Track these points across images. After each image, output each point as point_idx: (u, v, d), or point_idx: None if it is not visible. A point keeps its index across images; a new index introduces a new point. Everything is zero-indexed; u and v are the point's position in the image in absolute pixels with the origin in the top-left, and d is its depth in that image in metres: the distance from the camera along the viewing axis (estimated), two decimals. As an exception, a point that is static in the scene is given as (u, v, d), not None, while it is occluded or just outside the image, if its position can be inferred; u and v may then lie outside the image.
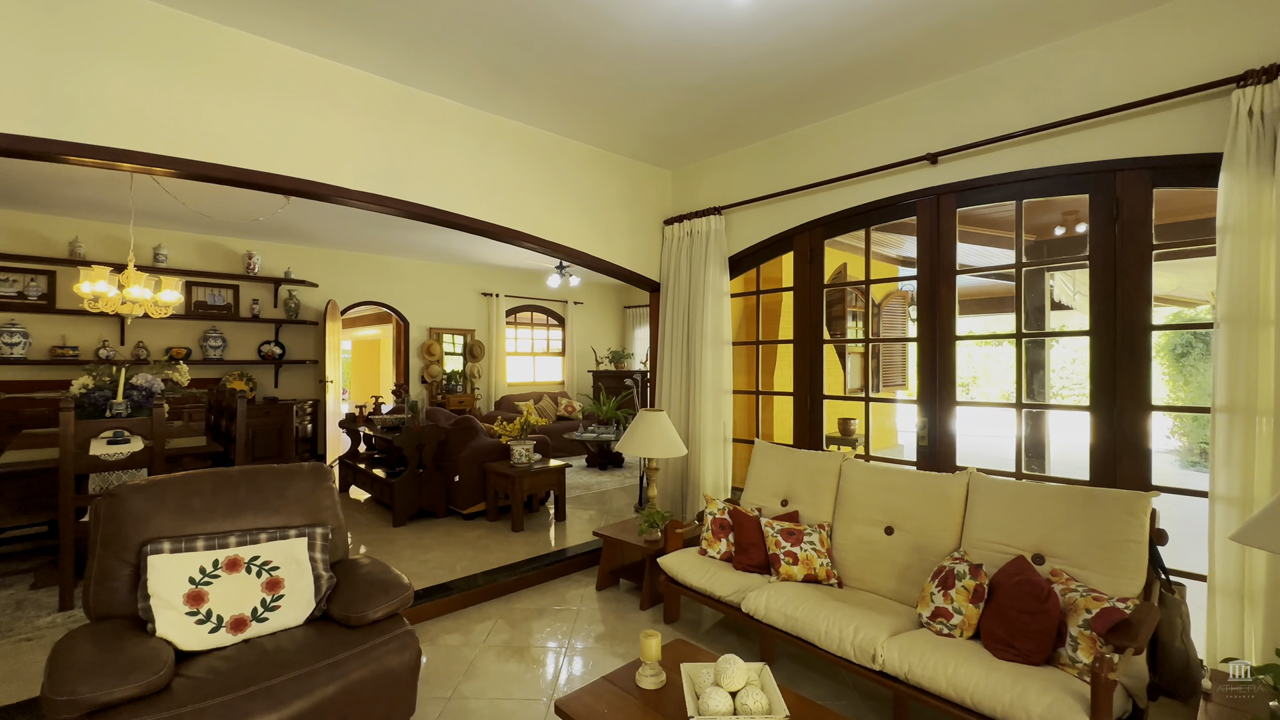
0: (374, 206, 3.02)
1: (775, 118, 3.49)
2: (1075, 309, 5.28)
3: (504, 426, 4.59)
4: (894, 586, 2.63)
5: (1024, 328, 2.89)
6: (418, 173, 3.14)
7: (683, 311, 4.11)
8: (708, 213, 4.00)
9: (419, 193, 3.13)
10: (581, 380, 10.31)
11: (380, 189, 2.99)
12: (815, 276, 3.58)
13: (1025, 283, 2.94)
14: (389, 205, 3.02)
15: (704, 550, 3.05)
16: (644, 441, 3.46)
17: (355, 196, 2.90)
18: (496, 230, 3.44)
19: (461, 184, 3.31)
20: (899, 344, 7.80)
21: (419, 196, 3.12)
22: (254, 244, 7.01)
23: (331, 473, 2.49)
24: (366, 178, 2.95)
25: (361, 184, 2.93)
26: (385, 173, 3.01)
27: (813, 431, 3.58)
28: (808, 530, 2.87)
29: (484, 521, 4.64)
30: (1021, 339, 2.83)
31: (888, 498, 2.80)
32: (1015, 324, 2.86)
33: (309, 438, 7.28)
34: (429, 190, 3.17)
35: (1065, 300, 4.94)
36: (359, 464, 5.45)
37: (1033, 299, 4.63)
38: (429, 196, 3.16)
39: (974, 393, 15.57)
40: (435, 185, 3.20)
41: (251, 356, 6.98)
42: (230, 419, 4.28)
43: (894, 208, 3.23)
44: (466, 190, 3.33)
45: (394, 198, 3.03)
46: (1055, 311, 4.96)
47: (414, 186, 3.11)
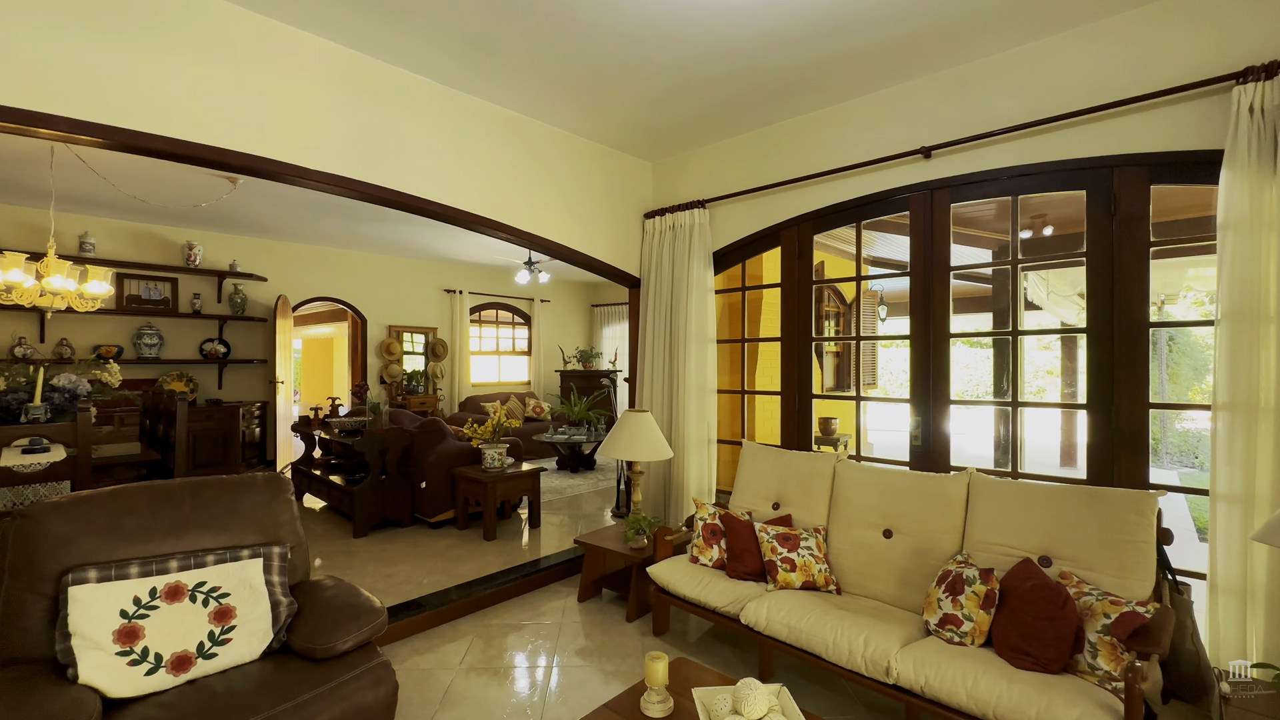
0: (335, 189, 2.75)
1: (764, 108, 3.38)
2: (1045, 309, 5.41)
3: (475, 429, 4.33)
4: (895, 591, 2.54)
5: (997, 327, 2.86)
6: (385, 154, 2.88)
7: (665, 308, 3.96)
8: (691, 206, 3.87)
9: (386, 176, 2.87)
10: (548, 380, 10.04)
11: (343, 169, 2.72)
12: (804, 272, 3.49)
13: (998, 283, 2.91)
14: (352, 188, 2.76)
15: (695, 558, 2.91)
16: (628, 444, 3.29)
17: (314, 177, 2.63)
18: (471, 219, 3.21)
19: (433, 168, 3.06)
20: (869, 343, 7.87)
21: (386, 180, 2.87)
22: (195, 234, 6.49)
23: (289, 484, 2.22)
24: (327, 157, 2.68)
25: (321, 163, 2.65)
26: (349, 152, 2.75)
27: (801, 432, 3.49)
28: (804, 535, 2.76)
29: (453, 530, 4.38)
30: (1017, 336, 2.79)
31: (886, 500, 2.71)
32: (1011, 322, 2.82)
33: (257, 442, 6.80)
34: (397, 173, 2.91)
35: (1036, 300, 5.04)
36: (314, 470, 5.08)
37: (1004, 299, 4.68)
38: (397, 180, 2.91)
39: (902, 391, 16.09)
40: (404, 168, 2.94)
41: (192, 355, 6.46)
42: (169, 423, 3.89)
43: (885, 203, 3.16)
44: (438, 175, 3.08)
45: (358, 180, 2.77)
46: (1028, 311, 5.05)
47: (381, 169, 2.85)
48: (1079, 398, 2.76)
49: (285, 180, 2.63)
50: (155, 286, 6.26)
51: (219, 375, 6.61)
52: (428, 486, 4.33)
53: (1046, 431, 10.60)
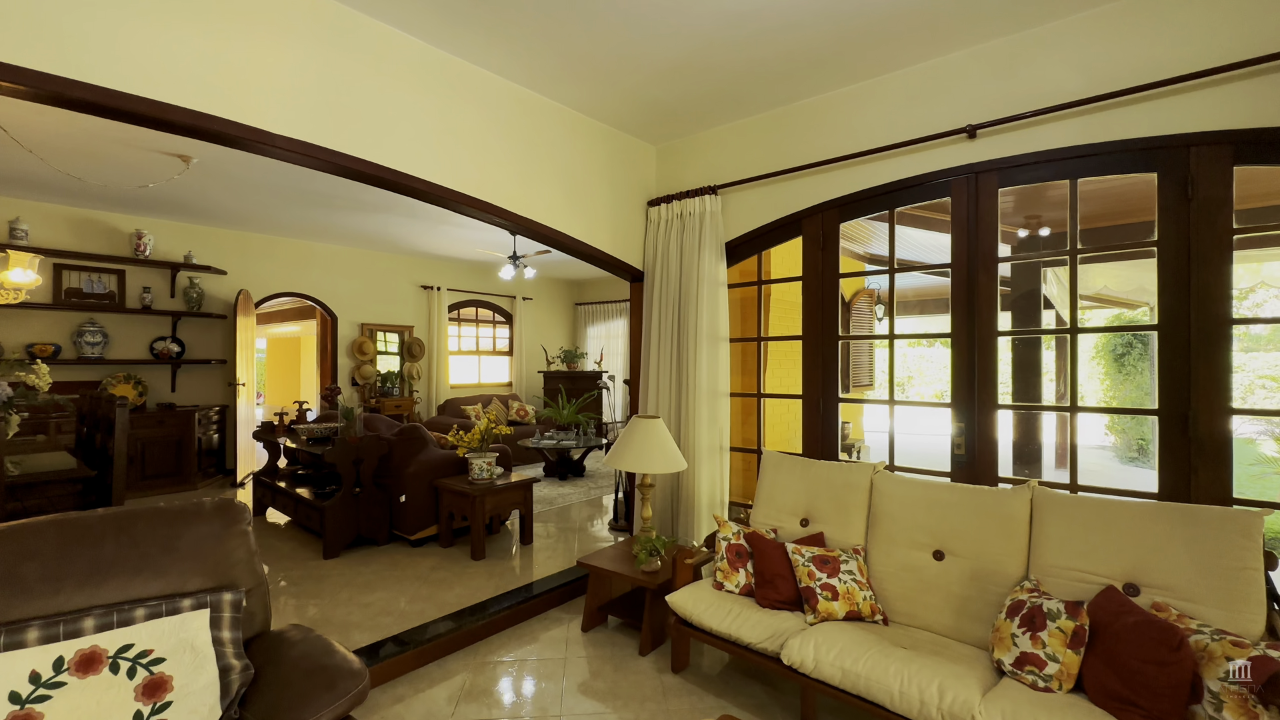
0: (305, 159, 2.34)
1: (788, 83, 3.07)
2: (1056, 307, 5.25)
3: (461, 436, 3.93)
4: (951, 622, 2.25)
5: (1017, 325, 2.61)
6: (364, 121, 2.48)
7: (672, 304, 3.62)
8: (702, 192, 3.54)
9: (365, 147, 2.47)
10: (531, 382, 9.62)
11: (314, 136, 2.31)
12: (829, 264, 3.19)
13: (1019, 278, 2.65)
14: (325, 159, 2.35)
15: (719, 584, 2.58)
16: (639, 454, 2.94)
17: (281, 144, 2.22)
18: (461, 200, 2.82)
19: (419, 141, 2.67)
20: (864, 345, 7.66)
21: (365, 151, 2.47)
22: (145, 221, 5.92)
23: (246, 511, 1.82)
24: (296, 121, 2.27)
25: (288, 128, 2.24)
26: (322, 117, 2.34)
27: (826, 438, 3.19)
28: (843, 557, 2.46)
29: (436, 548, 3.97)
30: (1075, 334, 2.53)
31: (934, 516, 2.43)
32: (1070, 318, 2.55)
33: (215, 450, 6.25)
34: (378, 145, 2.51)
35: (1051, 298, 4.87)
36: (279, 482, 4.60)
37: (1030, 295, 4.48)
38: (378, 152, 2.51)
39: (909, 393, 16.03)
40: (386, 139, 2.55)
41: (141, 355, 5.89)
42: (108, 432, 3.40)
43: (923, 187, 2.88)
44: (425, 149, 2.69)
45: (332, 149, 2.36)
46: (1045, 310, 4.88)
47: (359, 138, 2.45)
48: (1068, 399, 2.50)
49: (244, 147, 2.21)
50: (99, 279, 5.67)
51: (172, 377, 6.04)
52: (407, 500, 3.91)
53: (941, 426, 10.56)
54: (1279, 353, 9.84)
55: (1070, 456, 2.59)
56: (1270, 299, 8.28)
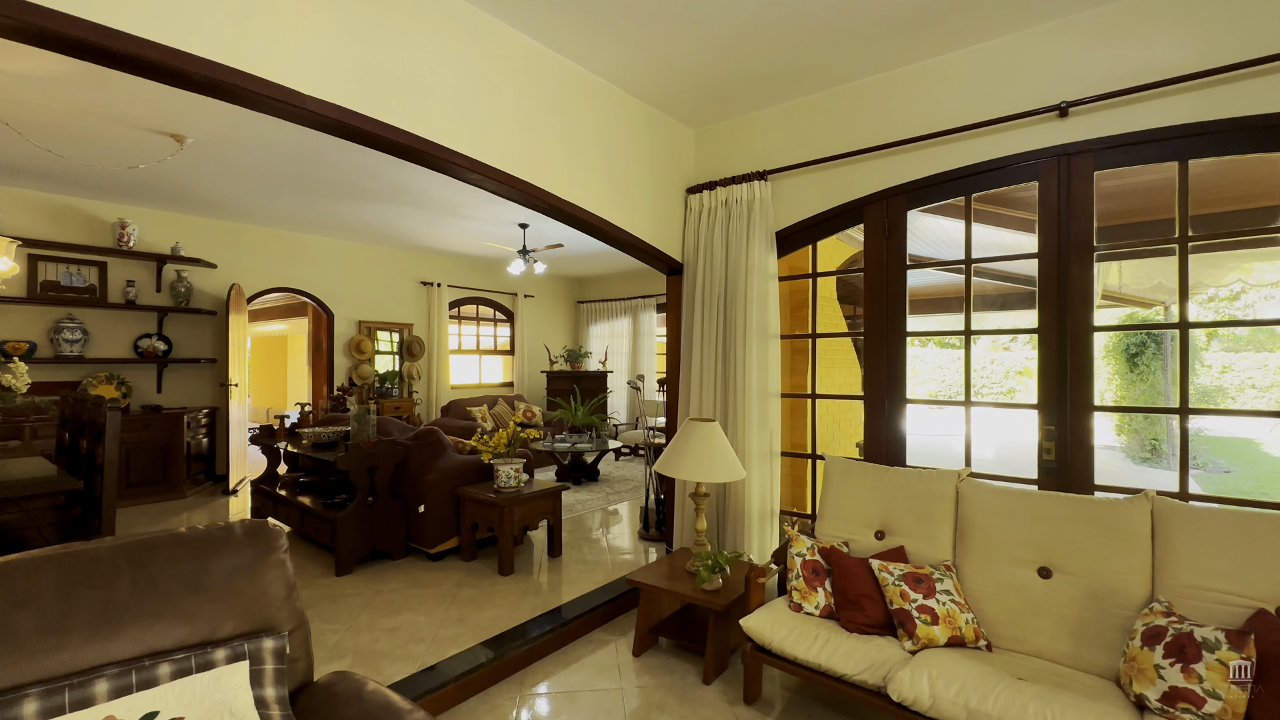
0: (336, 126, 2.04)
1: (851, 59, 2.84)
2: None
3: (485, 441, 3.64)
4: (1067, 648, 2.02)
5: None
6: (401, 87, 2.19)
7: (717, 298, 3.37)
8: (750, 178, 3.29)
9: (402, 115, 2.18)
10: (533, 382, 9.32)
11: (347, 100, 2.02)
12: (895, 254, 2.96)
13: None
14: (359, 128, 2.06)
15: (797, 604, 2.33)
16: (695, 461, 2.68)
17: (310, 107, 1.92)
18: (502, 179, 2.54)
19: (458, 112, 2.38)
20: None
21: (402, 120, 2.18)
22: (129, 210, 5.52)
23: (281, 534, 1.53)
24: (328, 82, 1.97)
25: (319, 89, 1.95)
26: (356, 80, 2.05)
27: (891, 443, 2.96)
28: (936, 575, 2.22)
29: (457, 562, 3.66)
30: (1186, 329, 2.33)
31: (1036, 529, 2.20)
32: (1180, 313, 2.34)
33: (204, 455, 5.86)
34: (415, 114, 2.22)
35: (1109, 290, 4.70)
36: (279, 490, 4.26)
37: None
38: (415, 122, 2.22)
39: (918, 393, 15.71)
40: (423, 109, 2.26)
41: (125, 354, 5.48)
42: (94, 438, 3.05)
43: (1005, 171, 2.66)
44: (464, 121, 2.40)
45: (368, 116, 2.07)
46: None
47: (395, 106, 2.16)
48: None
49: (268, 109, 1.91)
50: (79, 271, 5.26)
51: (158, 377, 5.64)
52: (426, 510, 3.60)
53: (1005, 431, 10.50)
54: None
55: (1181, 461, 2.38)
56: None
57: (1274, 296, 8.29)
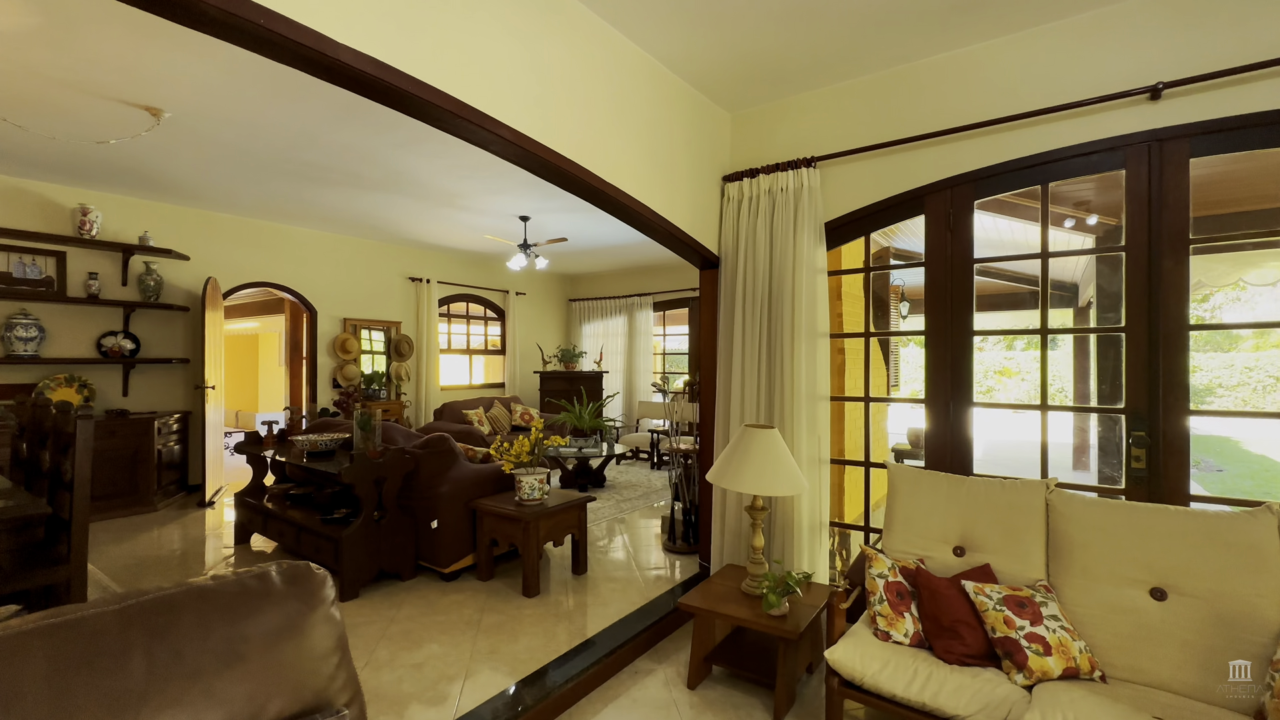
0: (368, 84, 1.73)
1: (913, 36, 2.63)
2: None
3: (504, 449, 3.33)
4: (1195, 681, 1.83)
5: (1078, 323, 2.25)
6: (445, 48, 1.88)
7: (759, 294, 3.13)
8: (797, 164, 3.06)
9: (450, 80, 1.88)
10: (525, 383, 8.97)
11: (387, 54, 1.71)
12: (959, 248, 2.77)
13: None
14: (397, 87, 1.75)
15: (884, 632, 2.10)
16: (757, 472, 2.44)
17: (347, 59, 1.60)
18: (553, 160, 2.25)
19: (506, 81, 2.09)
20: (887, 342, 7.37)
21: (448, 83, 1.87)
22: (91, 195, 5.02)
23: (327, 579, 1.22)
24: (368, 36, 1.66)
25: (361, 41, 1.63)
26: (394, 32, 1.74)
27: (957, 449, 2.76)
28: (1038, 597, 2.02)
29: (473, 582, 3.34)
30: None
31: (1146, 546, 2.01)
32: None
33: (176, 463, 5.39)
34: (463, 80, 1.92)
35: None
36: (266, 503, 3.87)
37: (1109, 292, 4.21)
38: (463, 88, 1.92)
39: (998, 396, 13.84)
40: (471, 74, 1.95)
41: (87, 353, 4.98)
42: (60, 450, 2.65)
43: (1086, 158, 2.48)
44: (513, 92, 2.11)
45: (408, 74, 1.76)
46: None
47: (439, 67, 1.85)
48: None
49: (305, 64, 1.59)
50: (33, 262, 4.75)
51: (124, 379, 5.15)
52: (440, 526, 3.27)
53: (1012, 430, 10.61)
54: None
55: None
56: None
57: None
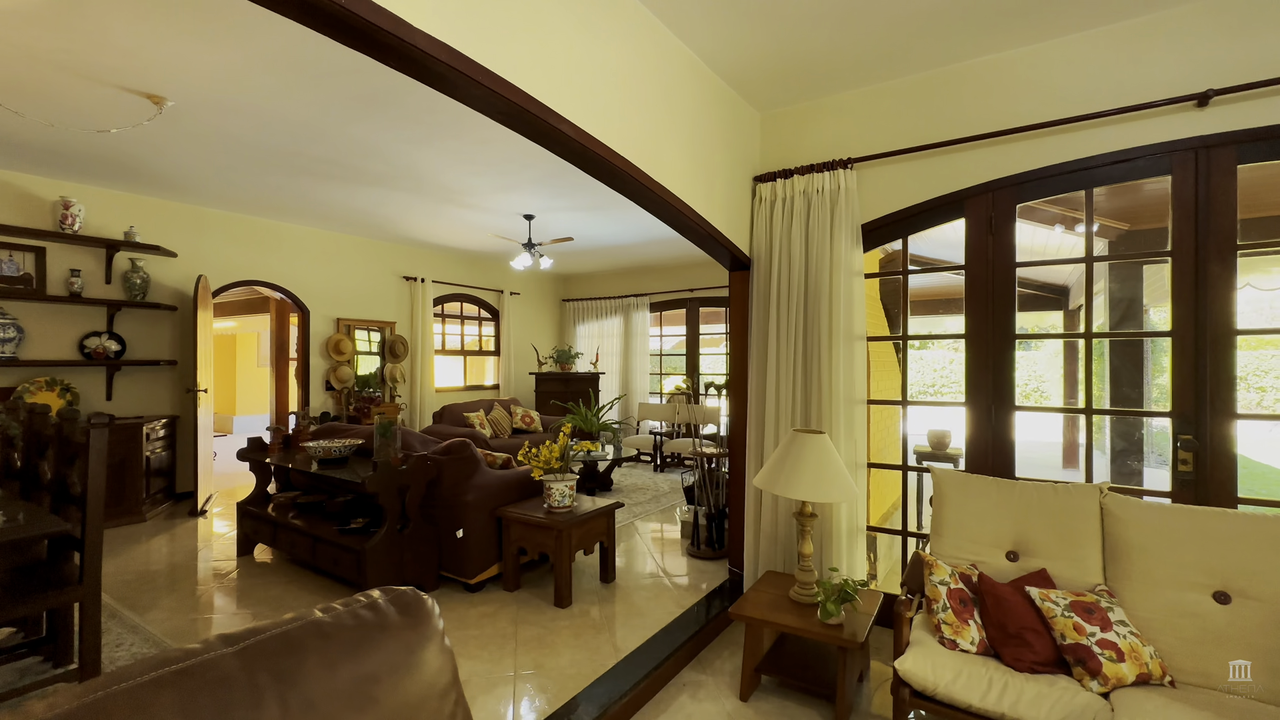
0: (444, 69, 1.63)
1: (955, 39, 2.62)
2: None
3: (533, 454, 3.22)
4: (1263, 682, 1.85)
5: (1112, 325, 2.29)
6: (510, 30, 1.79)
7: (795, 297, 3.09)
8: (833, 166, 3.03)
9: (512, 67, 1.78)
10: (520, 384, 8.82)
11: (460, 42, 1.61)
12: (1001, 251, 2.77)
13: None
14: (465, 75, 1.65)
15: (950, 640, 2.07)
16: (813, 478, 2.39)
17: (422, 44, 1.50)
18: (597, 149, 2.16)
19: (560, 70, 2.00)
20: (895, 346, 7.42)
21: (512, 71, 1.78)
22: (73, 187, 4.75)
23: (435, 607, 1.13)
24: (441, 19, 1.56)
25: (434, 25, 1.53)
26: (466, 19, 1.64)
27: (999, 453, 2.76)
28: (1103, 603, 2.01)
29: (498, 593, 3.23)
30: (1342, 333, 2.21)
31: (1206, 549, 2.03)
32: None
33: (165, 470, 5.13)
34: (522, 68, 1.83)
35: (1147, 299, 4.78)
36: (270, 511, 3.69)
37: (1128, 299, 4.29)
38: (524, 76, 1.82)
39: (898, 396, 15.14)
40: (529, 61, 1.86)
41: (69, 355, 4.71)
42: (65, 461, 2.48)
43: (1130, 164, 2.50)
44: (567, 83, 2.02)
45: (474, 60, 1.66)
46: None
47: (503, 53, 1.76)
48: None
49: (374, 49, 1.48)
50: (10, 258, 4.47)
51: (108, 382, 4.88)
52: (465, 535, 3.16)
53: (1035, 431, 10.85)
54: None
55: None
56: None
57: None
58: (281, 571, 3.59)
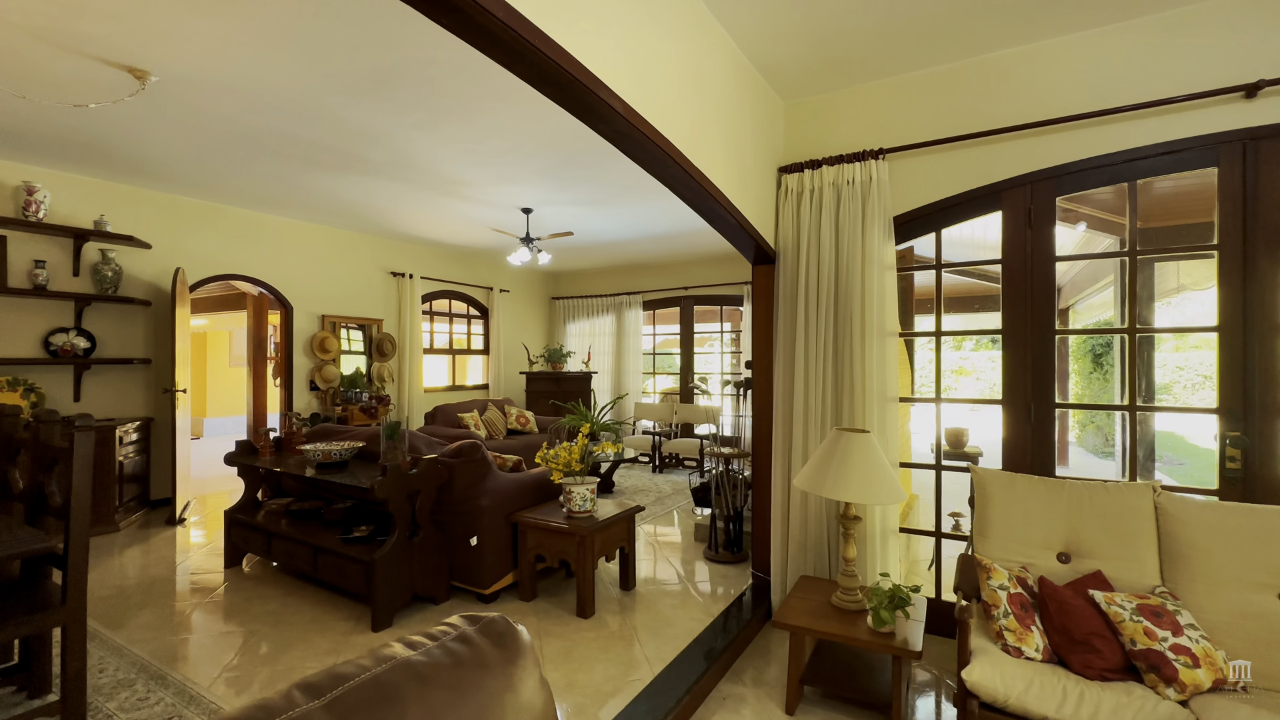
0: (500, 27, 1.46)
1: (993, 26, 2.55)
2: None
3: (549, 456, 3.06)
4: (1339, 685, 1.80)
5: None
6: (581, 12, 1.63)
7: (825, 292, 2.99)
8: (864, 157, 2.94)
9: (572, 37, 1.63)
10: (510, 384, 8.60)
11: (531, 10, 1.45)
12: (1040, 245, 2.70)
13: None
14: (523, 38, 1.49)
15: (1014, 648, 1.98)
16: (862, 479, 2.29)
17: (498, 11, 1.34)
18: (647, 130, 2.01)
19: (612, 44, 1.85)
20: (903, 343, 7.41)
21: (571, 43, 1.62)
22: (38, 171, 4.41)
23: (526, 636, 0.98)
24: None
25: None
26: (517, -28, 1.48)
27: (1040, 452, 2.70)
28: (1169, 605, 1.95)
29: (515, 602, 3.06)
30: None
31: (1273, 548, 1.98)
32: (1391, 308, 2.21)
33: (139, 476, 4.81)
34: (576, 35, 1.67)
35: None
36: (259, 518, 3.44)
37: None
38: (578, 44, 1.67)
39: (955, 394, 13.78)
40: (588, 30, 1.71)
41: (32, 352, 4.37)
42: (44, 468, 2.23)
43: (1174, 156, 2.46)
44: (617, 57, 1.87)
45: (535, 25, 1.50)
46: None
47: (564, 21, 1.60)
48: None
49: (459, 25, 1.31)
50: (-33, 247, 4.11)
51: (76, 382, 4.55)
52: (480, 543, 2.98)
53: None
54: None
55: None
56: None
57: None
58: (274, 583, 3.35)
